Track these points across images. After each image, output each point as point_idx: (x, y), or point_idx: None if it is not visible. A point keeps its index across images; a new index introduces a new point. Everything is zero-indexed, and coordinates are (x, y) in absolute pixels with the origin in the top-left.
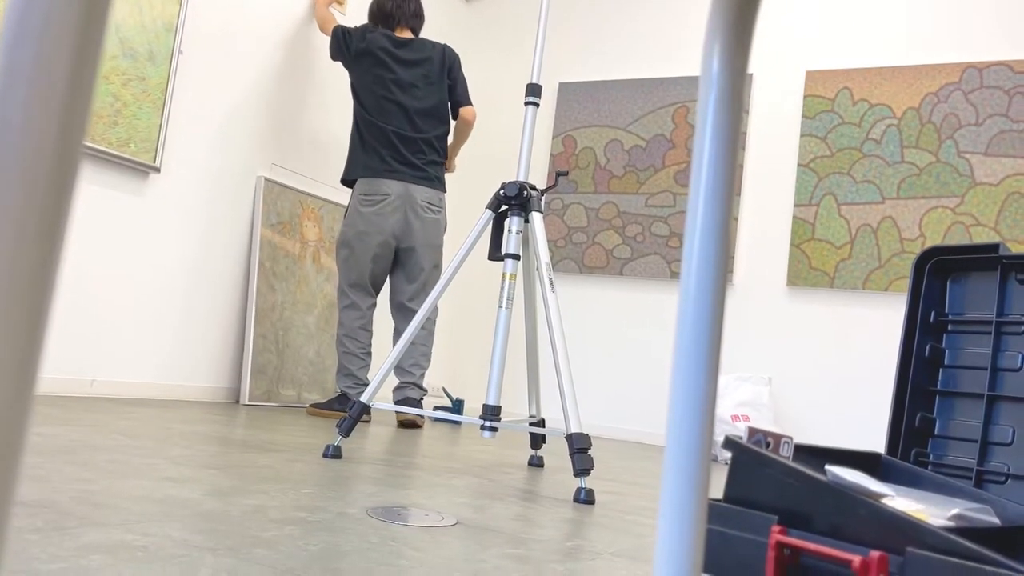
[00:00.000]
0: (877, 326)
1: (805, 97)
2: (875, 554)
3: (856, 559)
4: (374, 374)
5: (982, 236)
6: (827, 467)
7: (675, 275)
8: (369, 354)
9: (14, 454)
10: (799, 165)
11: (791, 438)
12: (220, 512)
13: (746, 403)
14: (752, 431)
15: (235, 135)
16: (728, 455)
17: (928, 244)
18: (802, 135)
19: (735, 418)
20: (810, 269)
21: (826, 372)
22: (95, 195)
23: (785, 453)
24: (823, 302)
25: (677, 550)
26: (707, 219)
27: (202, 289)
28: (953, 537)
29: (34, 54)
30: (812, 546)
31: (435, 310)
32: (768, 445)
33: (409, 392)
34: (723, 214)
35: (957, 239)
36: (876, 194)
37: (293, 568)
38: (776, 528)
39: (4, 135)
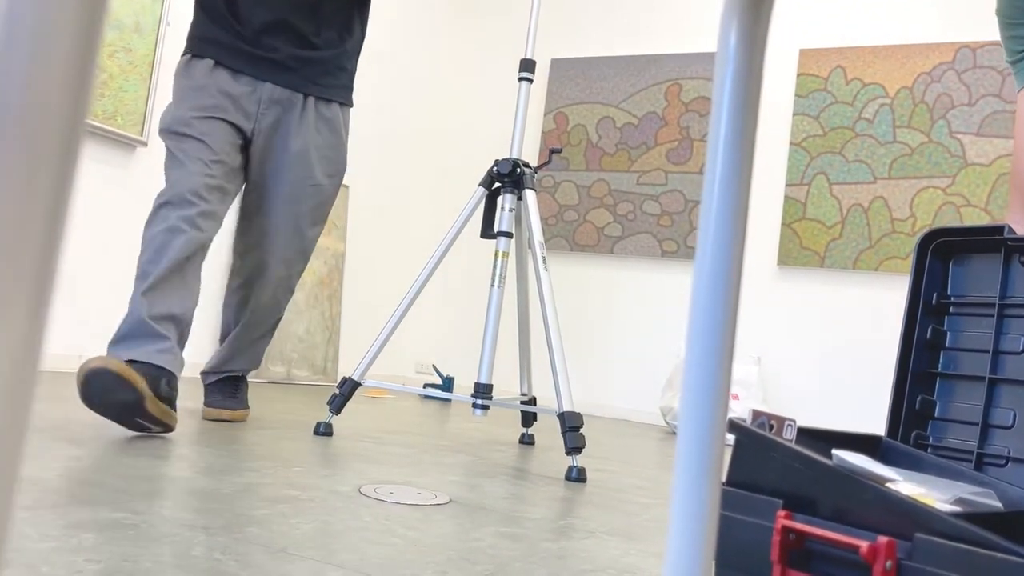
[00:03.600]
0: (867, 306)
1: (798, 75)
2: (883, 540)
3: (864, 545)
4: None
5: (973, 217)
6: (833, 451)
7: (666, 254)
8: None
9: (17, 442)
10: (791, 144)
11: (794, 421)
12: (211, 490)
13: (736, 382)
14: (756, 414)
15: None
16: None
17: (919, 224)
18: (795, 114)
19: None
20: (801, 248)
21: (816, 351)
22: (80, 169)
23: (788, 436)
24: (813, 281)
25: (690, 536)
26: (723, 199)
27: None
28: (962, 523)
29: (34, 30)
30: (819, 531)
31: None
32: (771, 428)
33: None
34: (741, 194)
35: (948, 220)
36: (868, 174)
37: (286, 547)
38: (782, 513)
39: (3, 113)
